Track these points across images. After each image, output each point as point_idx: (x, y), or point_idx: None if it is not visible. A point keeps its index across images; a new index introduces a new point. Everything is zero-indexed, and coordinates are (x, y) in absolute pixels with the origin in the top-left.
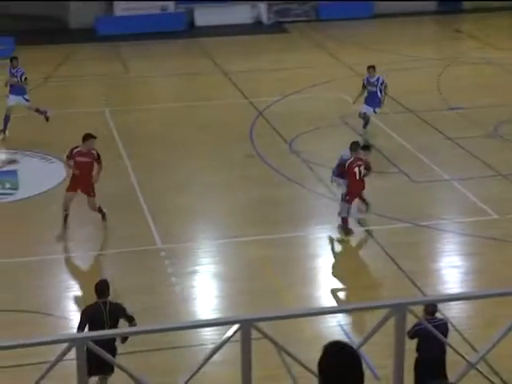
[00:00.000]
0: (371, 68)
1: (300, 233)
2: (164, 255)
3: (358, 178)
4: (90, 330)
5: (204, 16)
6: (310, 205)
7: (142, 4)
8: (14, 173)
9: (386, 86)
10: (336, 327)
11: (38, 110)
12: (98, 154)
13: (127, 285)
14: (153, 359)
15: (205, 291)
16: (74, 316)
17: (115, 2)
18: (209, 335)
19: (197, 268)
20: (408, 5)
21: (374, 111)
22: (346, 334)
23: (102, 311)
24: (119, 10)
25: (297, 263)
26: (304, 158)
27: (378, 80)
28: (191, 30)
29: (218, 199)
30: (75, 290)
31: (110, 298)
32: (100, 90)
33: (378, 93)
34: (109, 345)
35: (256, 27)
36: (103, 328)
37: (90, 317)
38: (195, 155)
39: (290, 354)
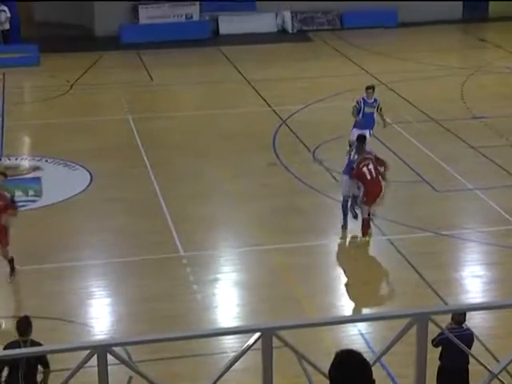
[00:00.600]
0: (371, 89)
1: (322, 241)
2: (186, 263)
3: (370, 177)
4: (9, 368)
5: (228, 24)
6: (333, 213)
7: (167, 12)
8: (37, 180)
9: (381, 108)
10: (357, 336)
11: None
12: (12, 196)
13: (149, 292)
14: (174, 367)
15: (226, 299)
16: (96, 323)
17: (140, 11)
18: (230, 343)
19: (218, 276)
20: (432, 13)
21: (370, 134)
22: (367, 342)
23: None
24: (144, 18)
25: (319, 272)
26: (327, 166)
27: (375, 101)
28: (215, 39)
29: (240, 207)
30: (97, 297)
31: (33, 337)
32: (124, 98)
33: (374, 114)
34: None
35: (280, 36)
36: (18, 369)
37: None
38: (218, 163)
39: (310, 363)
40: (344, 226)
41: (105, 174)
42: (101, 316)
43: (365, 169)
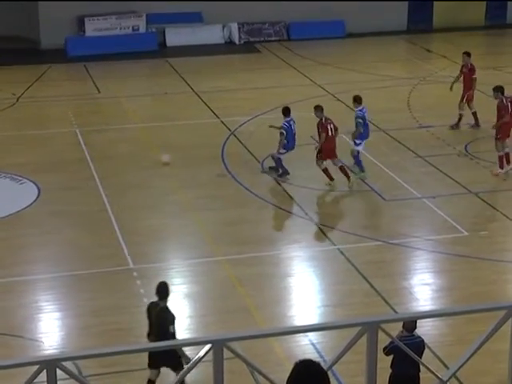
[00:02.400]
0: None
1: (272, 252)
2: (136, 275)
3: (330, 134)
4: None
5: (175, 36)
6: (282, 223)
7: (113, 24)
8: None
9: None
10: (308, 346)
11: None
12: None
13: (100, 305)
14: (124, 380)
15: (177, 311)
16: (46, 338)
17: (86, 23)
18: None
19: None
20: (379, 24)
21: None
22: (319, 352)
23: (151, 312)
24: (90, 30)
25: (269, 282)
26: (276, 177)
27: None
28: (163, 50)
29: (189, 219)
30: (46, 311)
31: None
32: (71, 111)
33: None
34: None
35: (227, 47)
36: (151, 328)
37: (147, 313)
38: (167, 175)
39: (261, 374)
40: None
41: (53, 187)
42: (50, 330)
43: (328, 126)
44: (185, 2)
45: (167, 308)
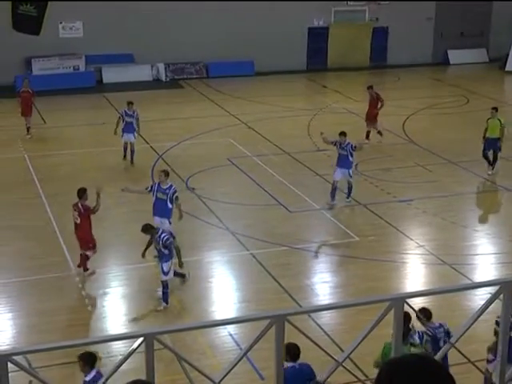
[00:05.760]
0: (162, 173)
1: (195, 257)
2: (78, 280)
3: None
4: None
5: (111, 74)
6: (203, 233)
7: (56, 64)
8: None
9: (177, 197)
10: (227, 336)
11: None
12: None
13: (47, 307)
14: (70, 370)
15: (114, 310)
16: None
17: (33, 64)
18: (118, 347)
19: (107, 290)
20: (282, 64)
21: (170, 222)
22: (236, 342)
23: None
24: (37, 69)
25: (193, 283)
26: (198, 193)
27: (169, 188)
28: (100, 86)
29: (125, 231)
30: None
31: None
32: (20, 139)
33: (168, 203)
34: None
35: (155, 84)
36: None
37: None
38: (105, 192)
39: (187, 362)
40: None
41: (4, 205)
42: (3, 329)
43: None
44: (119, 44)
45: None
